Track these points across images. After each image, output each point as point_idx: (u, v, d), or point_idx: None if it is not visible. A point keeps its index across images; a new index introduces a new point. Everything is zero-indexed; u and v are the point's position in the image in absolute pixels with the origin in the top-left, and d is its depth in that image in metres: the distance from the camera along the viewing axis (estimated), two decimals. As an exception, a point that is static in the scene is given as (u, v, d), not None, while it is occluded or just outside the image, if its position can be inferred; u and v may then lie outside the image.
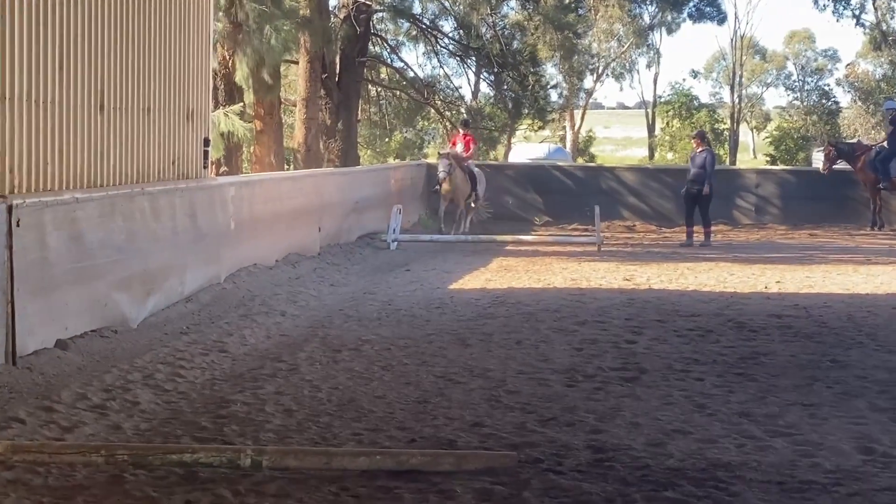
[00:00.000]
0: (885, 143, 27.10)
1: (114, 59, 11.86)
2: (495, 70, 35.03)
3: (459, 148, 24.19)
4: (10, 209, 9.09)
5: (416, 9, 36.88)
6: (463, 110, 39.93)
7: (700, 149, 22.87)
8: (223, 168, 23.85)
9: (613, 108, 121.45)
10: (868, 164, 26.62)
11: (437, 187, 24.02)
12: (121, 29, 12.03)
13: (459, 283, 15.96)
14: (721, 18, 57.90)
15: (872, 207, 26.85)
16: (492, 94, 42.26)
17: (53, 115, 10.83)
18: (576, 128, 63.04)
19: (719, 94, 71.91)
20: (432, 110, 39.81)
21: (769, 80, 73.60)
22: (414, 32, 35.96)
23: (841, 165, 27.55)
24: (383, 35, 36.44)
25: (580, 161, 54.06)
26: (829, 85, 70.12)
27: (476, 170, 24.64)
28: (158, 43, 12.92)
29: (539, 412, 8.19)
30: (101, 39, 11.56)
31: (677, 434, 7.57)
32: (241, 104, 24.41)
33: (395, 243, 21.06)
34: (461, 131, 25.28)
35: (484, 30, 35.77)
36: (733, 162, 58.78)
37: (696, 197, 22.37)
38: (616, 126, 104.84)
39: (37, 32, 10.50)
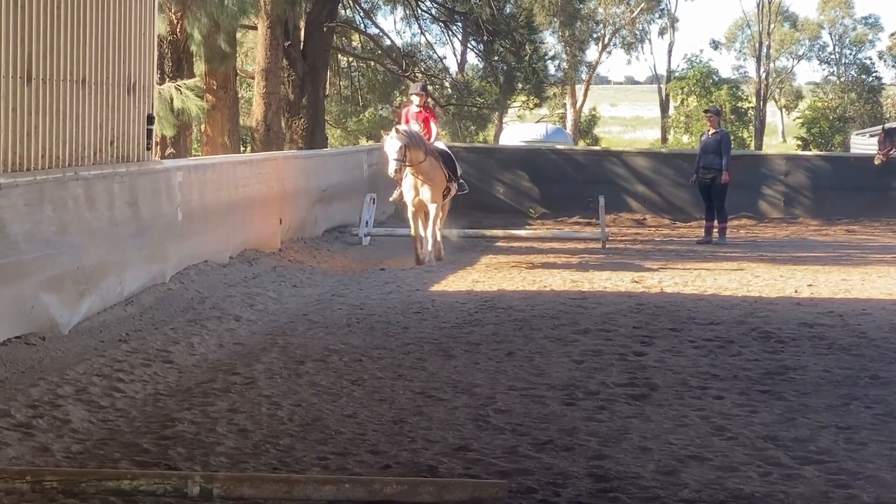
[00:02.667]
0: None
1: (43, 22, 11.81)
2: (485, 38, 35.03)
3: (415, 127, 18.31)
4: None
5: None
6: (447, 84, 39.95)
7: (714, 130, 22.67)
8: (169, 150, 23.82)
9: (621, 84, 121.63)
10: None
11: (395, 194, 18.57)
12: (52, -13, 11.98)
13: (442, 284, 15.97)
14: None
15: None
16: (481, 65, 42.27)
17: (-28, 87, 10.79)
18: (577, 106, 63.21)
19: (743, 67, 72.24)
20: (411, 84, 39.78)
21: (801, 52, 73.92)
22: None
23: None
24: (356, -4, 36.47)
25: (582, 144, 54.22)
26: (870, 58, 70.46)
27: (442, 145, 19.39)
28: (96, 4, 12.87)
29: (533, 434, 8.20)
30: (28, -1, 11.52)
31: (692, 461, 7.59)
32: (198, 77, 24.36)
33: (368, 238, 21.05)
34: (414, 102, 18.98)
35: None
36: (759, 146, 59.06)
37: (710, 186, 22.33)
38: (624, 104, 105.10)
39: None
